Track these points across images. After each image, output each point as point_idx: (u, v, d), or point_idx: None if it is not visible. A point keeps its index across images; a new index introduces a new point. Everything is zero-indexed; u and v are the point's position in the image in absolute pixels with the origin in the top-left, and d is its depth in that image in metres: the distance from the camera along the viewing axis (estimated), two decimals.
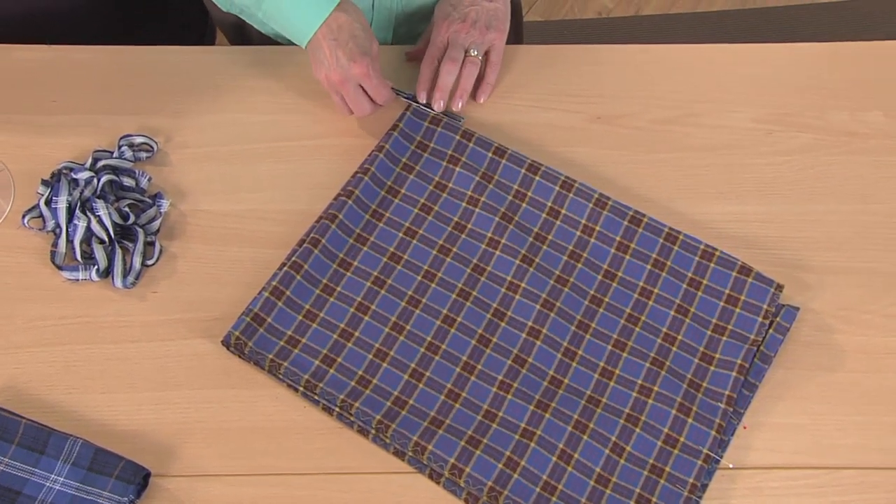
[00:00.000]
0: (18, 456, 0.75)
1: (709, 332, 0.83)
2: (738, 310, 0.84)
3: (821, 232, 0.90)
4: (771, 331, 0.83)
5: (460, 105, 0.93)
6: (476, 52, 0.93)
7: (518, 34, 1.04)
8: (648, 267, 0.86)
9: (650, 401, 0.80)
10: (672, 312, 0.84)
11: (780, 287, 0.85)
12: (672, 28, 1.77)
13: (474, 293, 0.85)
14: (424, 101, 0.93)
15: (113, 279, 0.84)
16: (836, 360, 0.83)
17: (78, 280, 0.84)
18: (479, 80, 0.96)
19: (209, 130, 0.93)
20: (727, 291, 0.85)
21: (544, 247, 0.87)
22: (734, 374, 0.81)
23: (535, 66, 0.99)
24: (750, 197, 0.92)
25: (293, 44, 1.00)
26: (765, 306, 0.84)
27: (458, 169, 0.90)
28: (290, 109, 0.95)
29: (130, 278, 0.84)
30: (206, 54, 1.00)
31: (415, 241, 0.87)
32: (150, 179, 0.90)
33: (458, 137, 0.92)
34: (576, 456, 0.77)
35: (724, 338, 0.83)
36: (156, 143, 0.92)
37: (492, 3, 0.95)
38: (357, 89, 0.89)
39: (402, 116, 0.93)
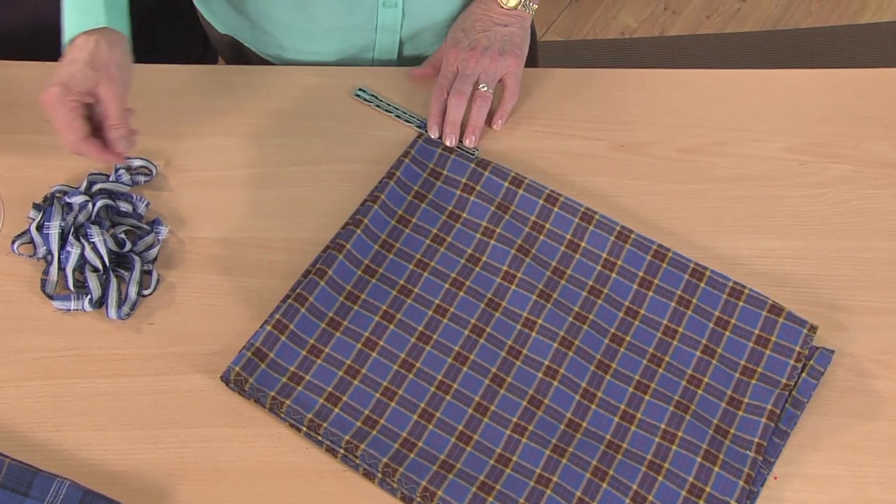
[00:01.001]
0: (0, 498, 0.75)
1: (737, 375, 0.84)
2: (768, 352, 0.84)
3: (858, 270, 0.90)
4: (804, 375, 0.83)
5: (472, 141, 0.94)
6: (486, 87, 0.94)
7: (532, 56, 1.05)
8: (673, 304, 0.87)
9: (674, 447, 0.80)
10: (698, 353, 0.85)
11: (813, 328, 0.85)
12: (699, 50, 1.78)
13: (488, 329, 0.86)
14: (436, 136, 0.94)
15: (107, 310, 0.85)
16: (875, 408, 0.83)
17: (70, 310, 0.85)
18: (495, 107, 0.97)
19: (211, 154, 0.95)
20: (757, 332, 0.85)
21: (563, 282, 0.88)
22: (764, 420, 0.81)
23: (555, 91, 1.01)
24: (782, 231, 0.92)
25: (295, 63, 1.02)
26: (797, 348, 0.84)
27: (472, 198, 0.92)
28: (296, 132, 0.96)
29: (125, 309, 0.85)
30: (207, 74, 1.01)
31: (426, 274, 0.88)
32: (147, 205, 0.91)
33: (472, 165, 0.93)
34: None
35: (754, 381, 0.83)
36: (154, 166, 0.93)
37: (506, 28, 0.96)
38: (58, 114, 0.80)
39: (414, 143, 0.95)
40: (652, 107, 1.00)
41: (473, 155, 0.94)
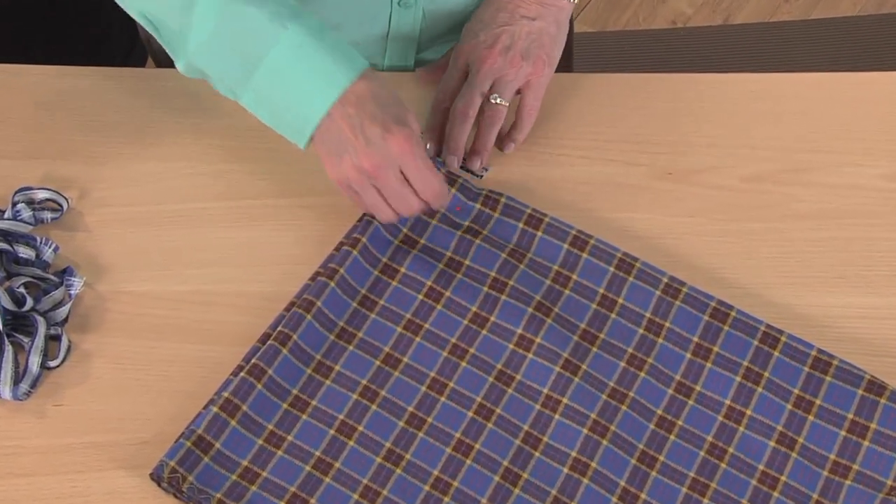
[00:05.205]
0: None
1: (825, 473, 0.84)
2: (866, 443, 0.85)
3: None
4: None
5: (479, 164, 0.96)
6: (500, 100, 0.95)
7: (567, 57, 1.06)
8: (738, 379, 0.88)
9: None
10: (772, 444, 0.86)
11: None
12: (774, 44, 1.79)
13: (498, 411, 0.87)
14: (433, 155, 0.96)
15: None
16: None
17: None
18: (507, 127, 0.98)
19: (139, 183, 0.96)
20: (850, 416, 0.86)
21: (594, 349, 0.90)
22: None
23: (584, 102, 1.02)
24: (881, 285, 0.93)
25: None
26: None
27: (477, 241, 0.93)
28: (251, 157, 0.97)
29: (24, 386, 0.85)
30: (136, 79, 1.02)
31: (418, 339, 0.89)
32: (56, 249, 0.92)
33: (478, 204, 0.95)
34: None
35: (848, 482, 0.84)
36: (66, 199, 0.94)
37: (535, 23, 0.96)
38: (399, 177, 0.88)
39: None
40: (710, 122, 1.01)
41: (480, 178, 0.96)
